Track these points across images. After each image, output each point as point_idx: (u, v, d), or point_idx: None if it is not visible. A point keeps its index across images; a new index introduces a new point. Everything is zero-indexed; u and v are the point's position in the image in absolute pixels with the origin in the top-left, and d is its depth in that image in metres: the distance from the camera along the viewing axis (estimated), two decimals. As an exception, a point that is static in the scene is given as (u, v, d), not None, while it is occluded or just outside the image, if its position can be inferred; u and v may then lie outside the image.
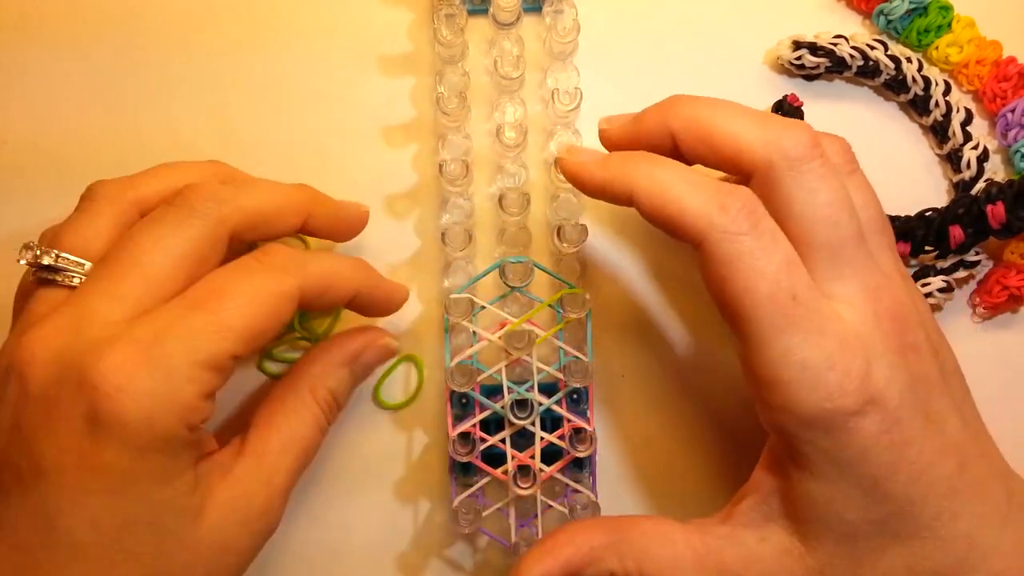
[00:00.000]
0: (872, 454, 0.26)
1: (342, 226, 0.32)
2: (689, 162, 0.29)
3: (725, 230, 0.26)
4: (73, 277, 0.28)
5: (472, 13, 0.36)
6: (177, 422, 0.26)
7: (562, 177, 0.32)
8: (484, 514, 0.32)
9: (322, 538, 0.35)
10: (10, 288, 0.30)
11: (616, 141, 0.31)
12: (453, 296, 0.32)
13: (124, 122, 0.36)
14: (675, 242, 0.27)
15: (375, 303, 0.31)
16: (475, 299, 0.32)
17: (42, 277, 0.28)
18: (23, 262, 0.28)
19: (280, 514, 0.29)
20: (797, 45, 0.35)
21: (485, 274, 0.33)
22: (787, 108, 0.35)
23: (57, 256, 0.28)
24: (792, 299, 0.25)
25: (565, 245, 0.33)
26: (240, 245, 0.29)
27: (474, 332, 0.32)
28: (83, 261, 0.28)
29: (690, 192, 0.27)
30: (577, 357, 0.32)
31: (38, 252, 0.28)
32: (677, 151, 0.29)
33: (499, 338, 0.32)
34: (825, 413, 0.25)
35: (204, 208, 0.28)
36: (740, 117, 0.28)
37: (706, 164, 0.28)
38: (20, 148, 0.36)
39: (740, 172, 0.28)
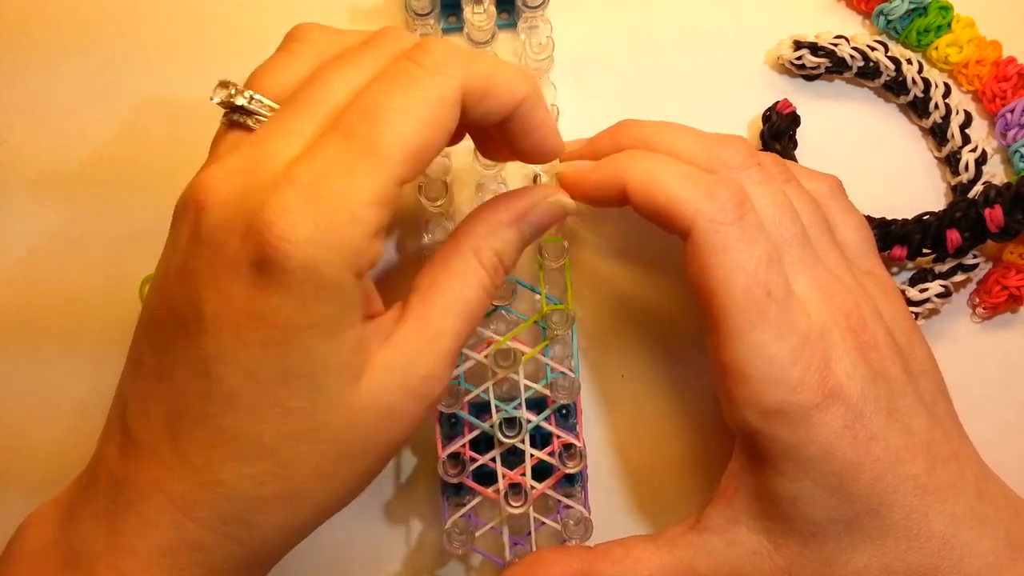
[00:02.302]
0: (836, 450, 0.26)
1: (540, 141, 0.27)
2: None
3: (712, 219, 0.27)
4: (263, 120, 0.26)
5: (447, 32, 0.36)
6: (344, 268, 0.23)
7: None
8: (477, 533, 0.32)
9: (313, 562, 0.35)
10: (15, 287, 0.29)
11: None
12: (438, 316, 0.32)
13: (125, 122, 0.36)
14: (667, 250, 0.27)
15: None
16: (460, 319, 0.32)
17: (233, 120, 0.26)
18: (216, 100, 0.26)
19: (446, 380, 0.27)
20: (798, 45, 0.35)
21: (469, 293, 0.33)
22: (776, 117, 0.35)
23: (251, 97, 0.26)
24: (767, 296, 0.26)
25: (549, 261, 0.33)
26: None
27: (460, 352, 0.32)
28: (275, 105, 0.26)
29: (680, 182, 0.27)
30: (564, 373, 0.33)
31: (232, 92, 0.26)
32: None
33: (485, 357, 0.32)
34: (787, 407, 0.26)
35: (440, 72, 0.24)
36: (681, 136, 0.29)
37: None
38: (20, 148, 0.36)
39: None
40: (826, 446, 0.26)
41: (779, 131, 0.35)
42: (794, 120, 0.35)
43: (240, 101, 0.26)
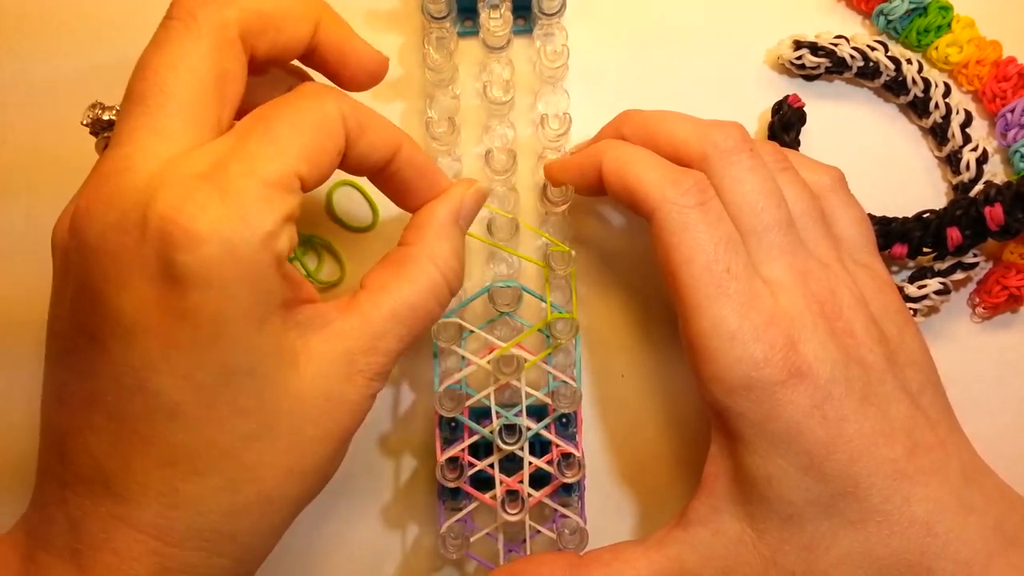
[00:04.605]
0: (805, 428, 0.26)
1: (355, 58, 0.28)
2: None
3: (675, 201, 0.28)
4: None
5: (462, 36, 0.36)
6: (260, 248, 0.23)
7: (552, 200, 0.33)
8: (472, 539, 0.32)
9: (309, 564, 0.35)
10: (12, 287, 0.29)
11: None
12: (442, 320, 0.32)
13: None
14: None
15: (422, 176, 0.28)
16: (464, 323, 0.32)
17: (105, 138, 0.26)
18: (85, 122, 0.26)
19: (386, 374, 0.27)
20: (798, 45, 0.35)
21: (474, 299, 0.33)
22: (787, 108, 0.35)
23: (116, 110, 0.26)
24: (726, 271, 0.27)
25: (556, 270, 0.33)
26: (258, 67, 0.27)
27: (463, 356, 0.32)
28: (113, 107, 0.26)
29: (648, 168, 0.29)
30: (566, 382, 0.32)
31: (99, 110, 0.26)
32: None
33: (488, 362, 0.32)
34: (751, 382, 0.27)
35: (205, 13, 0.25)
36: (679, 120, 0.31)
37: None
38: (20, 148, 0.36)
39: (682, 166, 0.30)
40: (793, 423, 0.26)
41: (789, 123, 0.35)
42: (802, 116, 0.35)
43: (108, 117, 0.26)
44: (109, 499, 0.23)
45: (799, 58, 0.35)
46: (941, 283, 0.34)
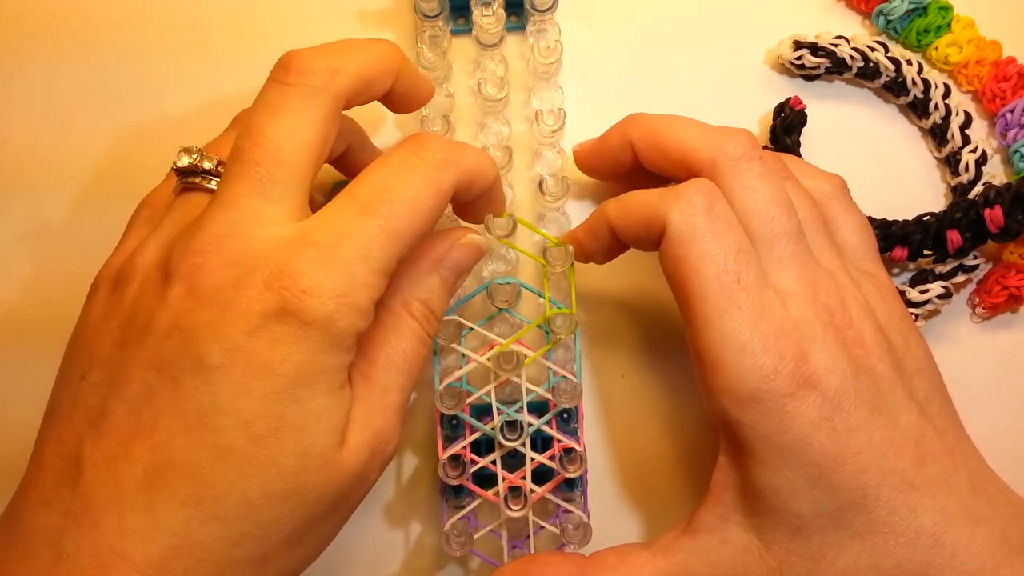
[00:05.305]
0: (813, 440, 0.26)
1: (419, 91, 0.31)
2: (648, 170, 0.31)
3: (681, 212, 0.28)
4: (211, 181, 0.28)
5: (455, 34, 0.36)
6: (353, 323, 0.25)
7: (549, 197, 0.33)
8: (476, 536, 0.32)
9: (312, 564, 0.34)
10: (12, 289, 0.29)
11: (585, 158, 0.33)
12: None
13: (125, 122, 0.36)
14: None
15: (496, 200, 0.31)
16: (463, 321, 0.32)
17: (188, 183, 0.28)
18: (181, 164, 0.28)
19: (398, 436, 0.28)
20: (798, 45, 0.35)
21: (472, 296, 0.33)
22: (789, 111, 0.35)
23: (218, 163, 0.28)
24: (736, 283, 0.27)
25: (554, 265, 0.33)
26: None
27: (463, 354, 0.32)
28: (218, 160, 0.28)
29: (649, 194, 0.29)
30: (566, 377, 0.32)
31: (197, 156, 0.28)
32: (637, 161, 0.31)
33: (488, 359, 0.32)
34: (761, 394, 0.26)
35: (319, 82, 0.27)
36: (688, 126, 0.30)
37: (662, 170, 0.31)
38: (20, 148, 0.36)
39: (690, 173, 0.30)
40: (802, 435, 0.26)
41: (791, 125, 0.35)
42: (803, 118, 0.35)
43: (207, 165, 0.28)
44: (114, 532, 0.23)
45: (799, 58, 0.35)
46: (943, 287, 0.34)
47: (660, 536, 0.29)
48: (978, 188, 0.34)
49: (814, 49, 0.35)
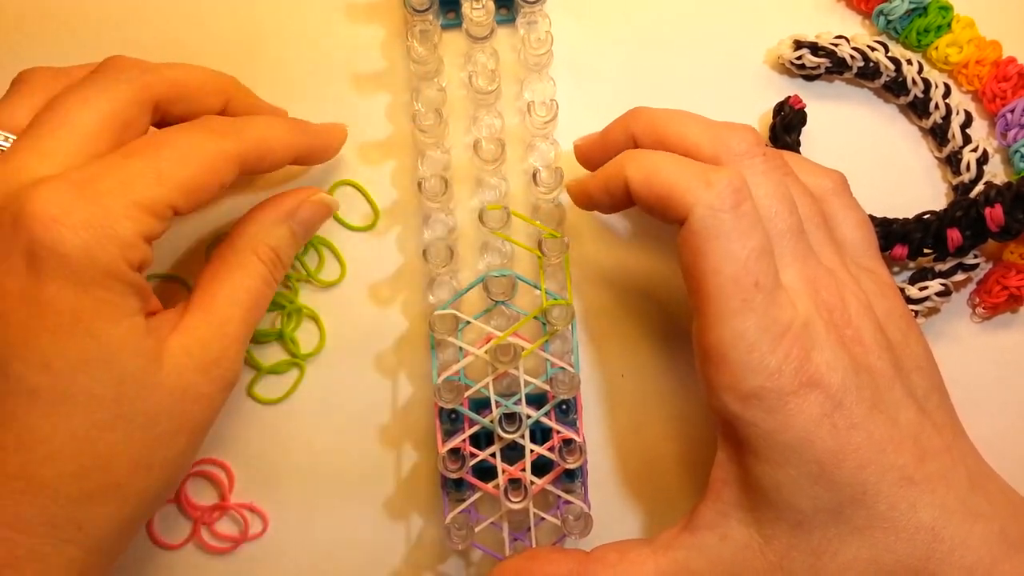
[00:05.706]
0: (815, 437, 0.26)
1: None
2: None
3: (709, 205, 0.27)
4: (3, 149, 0.28)
5: (446, 28, 0.36)
6: (117, 255, 0.25)
7: (543, 189, 0.33)
8: (477, 529, 0.32)
9: (313, 557, 0.35)
10: None
11: (587, 152, 0.33)
12: (438, 312, 0.32)
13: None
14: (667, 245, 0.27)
15: (314, 155, 0.33)
16: (460, 315, 0.32)
17: None
18: None
19: (239, 364, 0.29)
20: (798, 45, 0.35)
21: (468, 289, 0.33)
22: (788, 110, 0.35)
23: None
24: (754, 285, 0.27)
25: (549, 256, 0.33)
26: (167, 121, 0.30)
27: (460, 347, 0.32)
28: (11, 135, 0.28)
29: (678, 170, 0.28)
30: (564, 368, 0.33)
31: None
32: None
33: (485, 352, 0.32)
34: (764, 392, 0.26)
35: (128, 74, 0.28)
36: (690, 121, 0.30)
37: None
38: None
39: None
40: (804, 433, 0.26)
41: (791, 124, 0.35)
42: (803, 117, 0.35)
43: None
44: None
45: (799, 58, 0.35)
46: (942, 284, 0.34)
47: (661, 533, 0.29)
48: (979, 187, 0.34)
49: (814, 49, 0.35)
